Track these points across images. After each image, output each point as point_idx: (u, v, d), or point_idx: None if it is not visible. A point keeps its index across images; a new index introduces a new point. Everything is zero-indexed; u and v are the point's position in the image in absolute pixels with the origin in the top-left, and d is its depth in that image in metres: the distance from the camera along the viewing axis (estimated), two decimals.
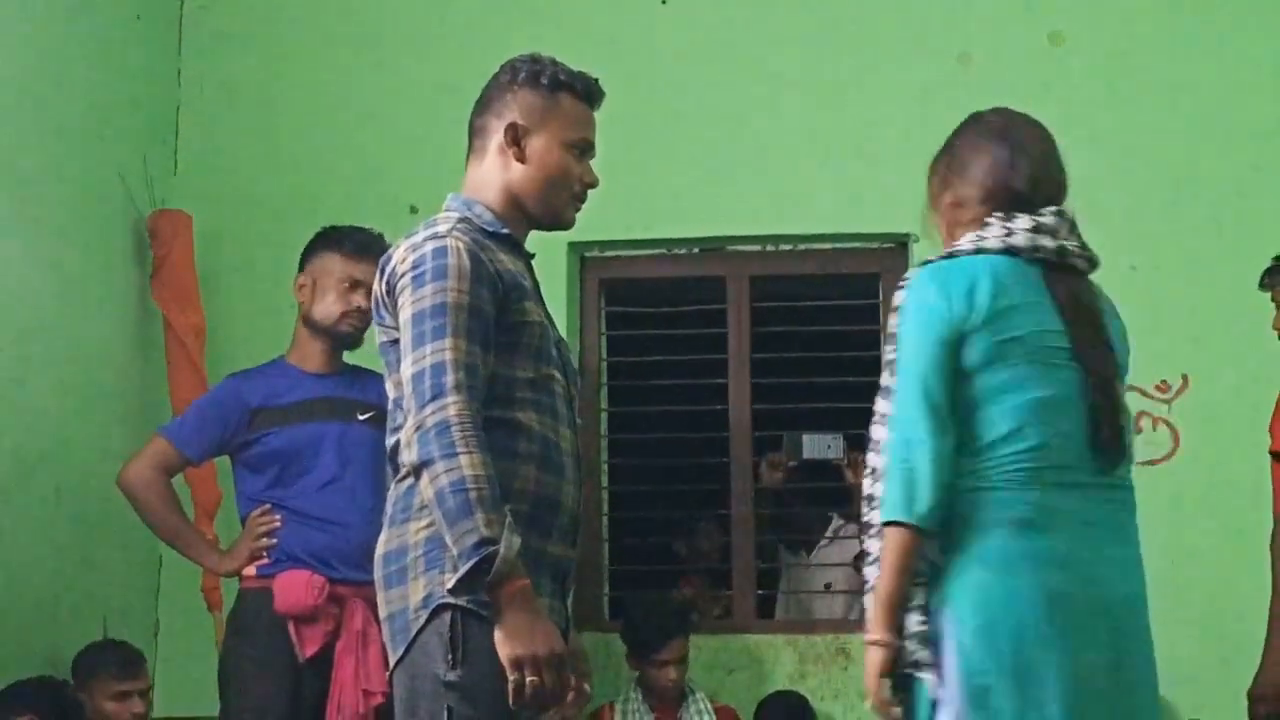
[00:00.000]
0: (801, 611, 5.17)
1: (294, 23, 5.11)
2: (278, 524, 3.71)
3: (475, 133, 2.76)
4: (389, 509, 2.59)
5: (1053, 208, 2.71)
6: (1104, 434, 2.63)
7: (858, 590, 5.01)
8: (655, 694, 4.42)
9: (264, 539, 3.70)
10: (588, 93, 2.76)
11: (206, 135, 5.04)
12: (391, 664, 2.55)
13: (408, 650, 2.49)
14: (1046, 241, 2.67)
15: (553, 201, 2.74)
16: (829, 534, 5.20)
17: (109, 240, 4.56)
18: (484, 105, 2.75)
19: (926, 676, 2.48)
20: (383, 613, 2.56)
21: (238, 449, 3.80)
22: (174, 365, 4.61)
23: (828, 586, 5.09)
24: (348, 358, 3.90)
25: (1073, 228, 2.73)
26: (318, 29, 5.09)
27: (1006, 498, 2.54)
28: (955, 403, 2.55)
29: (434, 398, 2.41)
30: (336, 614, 3.62)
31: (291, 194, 4.91)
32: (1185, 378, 4.63)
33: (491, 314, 2.53)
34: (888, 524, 2.50)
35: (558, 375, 2.67)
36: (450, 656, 2.43)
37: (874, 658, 2.51)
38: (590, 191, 2.83)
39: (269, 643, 3.63)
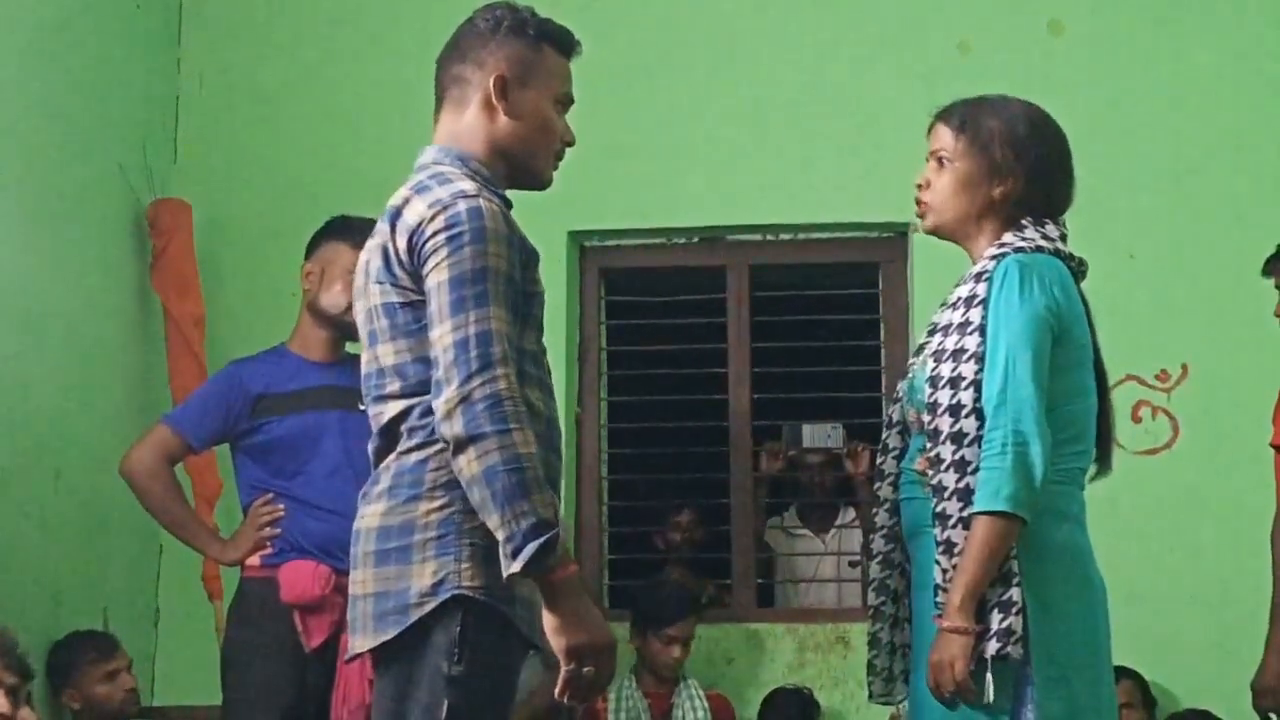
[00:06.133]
0: (800, 594, 5.17)
1: (293, 11, 5.10)
2: (281, 513, 3.70)
3: (451, 82, 2.57)
4: (388, 481, 2.42)
5: (1062, 217, 2.77)
6: (1110, 442, 2.76)
7: (855, 579, 5.04)
8: (652, 675, 4.45)
9: (267, 528, 3.70)
10: (568, 45, 2.62)
11: (206, 124, 5.04)
12: (369, 642, 2.40)
13: (402, 634, 2.36)
14: (1073, 251, 2.72)
15: (539, 158, 2.59)
16: (836, 524, 5.20)
17: (109, 229, 4.55)
18: (459, 53, 2.57)
19: (1012, 656, 2.50)
20: (366, 588, 2.40)
21: (239, 436, 3.79)
22: (174, 354, 4.61)
23: (853, 565, 5.09)
24: (348, 348, 3.90)
25: None
26: (317, 18, 5.08)
27: (1067, 493, 2.61)
28: None
29: (482, 368, 2.28)
30: (342, 604, 3.61)
31: (291, 183, 4.91)
32: (1185, 367, 4.63)
33: (519, 283, 2.42)
34: (993, 514, 2.49)
35: (544, 347, 2.57)
36: (455, 651, 2.33)
37: (958, 647, 2.50)
38: (590, 180, 2.78)
39: (274, 632, 3.63)
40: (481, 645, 2.34)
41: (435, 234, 2.36)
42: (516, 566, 2.24)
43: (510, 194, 2.61)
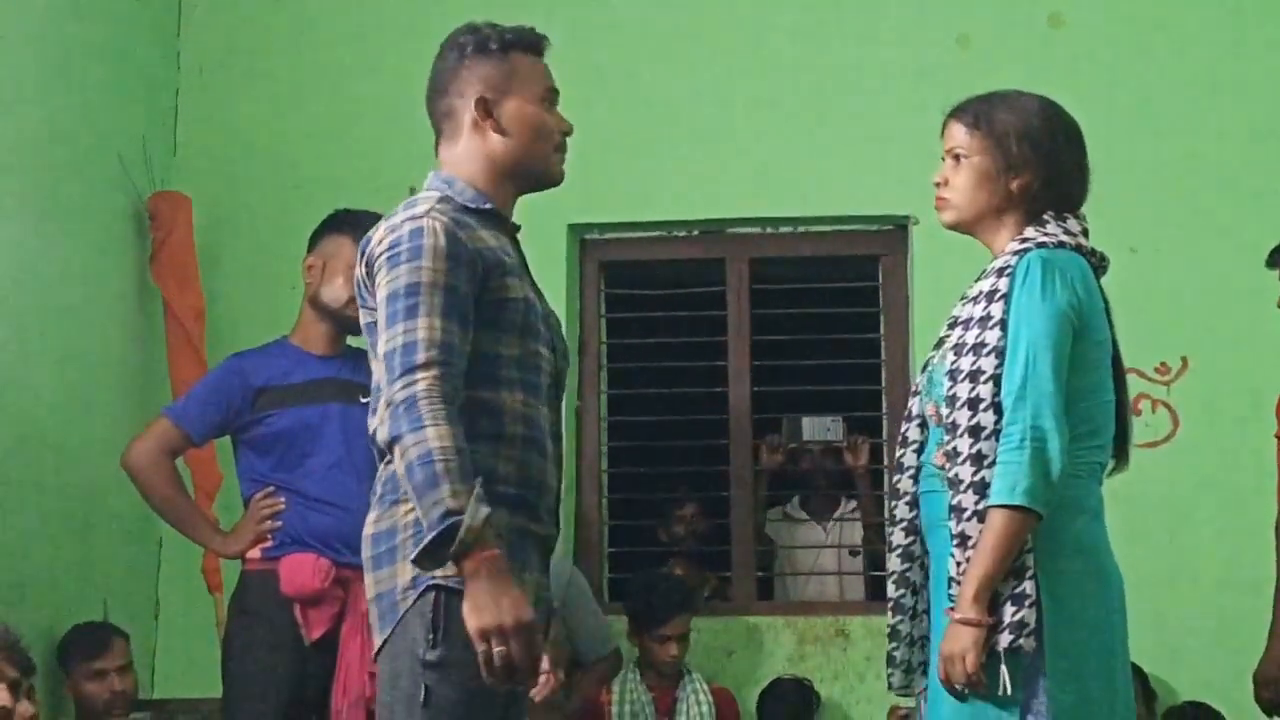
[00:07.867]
0: (800, 586, 5.17)
1: (293, 3, 5.10)
2: (281, 506, 3.71)
3: (443, 117, 2.72)
4: (377, 489, 2.57)
5: (1081, 210, 2.77)
6: (1129, 439, 2.78)
7: (856, 572, 5.05)
8: (654, 672, 4.45)
9: (268, 521, 3.70)
10: (534, 44, 2.74)
11: (206, 117, 5.04)
12: (377, 644, 2.52)
13: (393, 629, 2.48)
14: (1093, 246, 2.73)
15: (543, 160, 2.70)
16: (836, 516, 5.21)
17: (109, 222, 4.55)
18: (440, 89, 2.73)
19: (1025, 648, 2.51)
20: (370, 593, 2.55)
21: (240, 429, 3.79)
22: (174, 347, 4.61)
23: (853, 554, 5.10)
24: (349, 341, 3.90)
25: None
26: (317, 9, 5.08)
27: (1085, 487, 2.62)
28: None
29: (402, 374, 2.40)
30: (342, 596, 3.63)
31: (291, 175, 4.91)
32: (1185, 360, 4.63)
33: (470, 292, 2.51)
34: (1009, 507, 2.49)
35: (544, 351, 2.64)
36: (431, 636, 2.42)
37: (969, 639, 2.50)
38: (590, 173, 2.81)
39: (274, 624, 3.64)
40: (457, 630, 2.39)
41: (380, 255, 2.53)
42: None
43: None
